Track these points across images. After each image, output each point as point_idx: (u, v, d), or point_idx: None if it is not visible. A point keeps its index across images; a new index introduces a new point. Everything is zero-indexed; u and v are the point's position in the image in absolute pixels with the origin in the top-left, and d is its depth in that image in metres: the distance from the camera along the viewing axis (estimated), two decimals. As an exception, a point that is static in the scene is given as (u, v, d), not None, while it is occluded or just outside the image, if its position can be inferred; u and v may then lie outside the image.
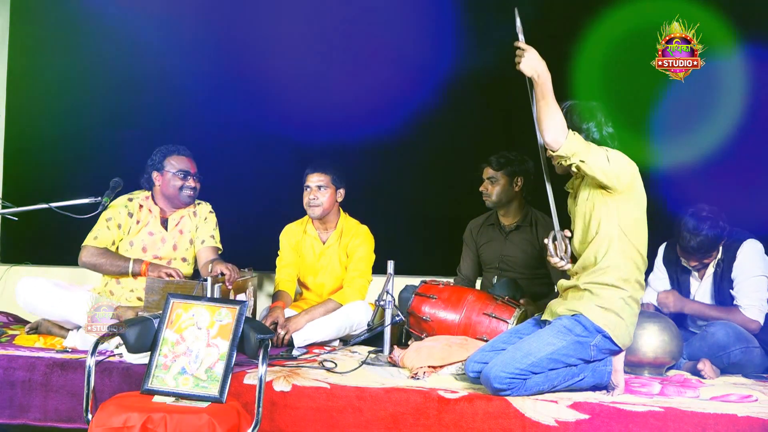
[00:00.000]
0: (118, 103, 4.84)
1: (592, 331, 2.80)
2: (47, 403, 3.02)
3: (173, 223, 3.71)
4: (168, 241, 3.69)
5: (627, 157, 2.85)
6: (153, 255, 3.64)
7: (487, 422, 2.70)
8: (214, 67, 4.74)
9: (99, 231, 3.64)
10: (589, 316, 2.80)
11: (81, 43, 4.89)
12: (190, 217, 3.75)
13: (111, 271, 3.59)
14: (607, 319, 2.80)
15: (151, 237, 3.67)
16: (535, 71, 2.76)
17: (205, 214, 3.79)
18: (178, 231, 3.71)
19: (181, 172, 3.67)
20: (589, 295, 2.84)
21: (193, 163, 3.74)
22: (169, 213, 3.73)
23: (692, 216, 3.36)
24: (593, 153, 2.77)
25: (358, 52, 4.61)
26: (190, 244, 3.73)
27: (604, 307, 2.81)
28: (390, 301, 3.40)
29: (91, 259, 3.59)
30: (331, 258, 3.94)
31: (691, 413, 2.61)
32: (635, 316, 2.89)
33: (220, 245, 3.77)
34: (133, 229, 3.66)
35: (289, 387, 2.88)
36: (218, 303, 2.60)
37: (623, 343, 2.85)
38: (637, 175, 2.86)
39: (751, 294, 3.36)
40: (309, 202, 3.85)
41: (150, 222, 3.68)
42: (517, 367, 2.73)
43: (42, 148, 4.94)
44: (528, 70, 2.77)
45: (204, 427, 2.30)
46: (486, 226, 4.02)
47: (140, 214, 3.68)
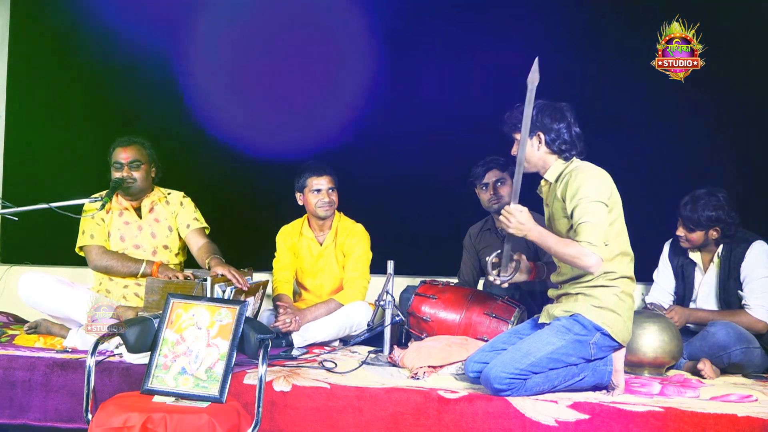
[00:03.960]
0: (118, 103, 4.85)
1: (591, 330, 2.80)
2: (47, 403, 3.02)
3: (146, 210, 3.71)
4: (144, 229, 3.69)
5: (602, 176, 2.87)
6: (132, 244, 3.66)
7: (487, 422, 2.70)
8: (213, 66, 4.74)
9: (92, 230, 3.66)
10: (587, 315, 2.81)
11: (81, 43, 4.90)
12: (163, 206, 3.74)
13: (122, 273, 3.60)
14: (604, 317, 2.81)
15: (127, 226, 3.69)
16: (523, 232, 2.83)
17: (179, 200, 3.77)
18: (153, 219, 3.71)
19: (117, 164, 3.64)
20: (583, 297, 2.86)
21: (130, 151, 3.65)
22: (136, 203, 3.72)
23: (707, 190, 3.42)
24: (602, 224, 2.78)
25: (364, 51, 4.61)
26: (170, 231, 3.72)
27: (600, 306, 2.82)
28: (390, 301, 3.40)
29: (103, 261, 3.61)
30: (328, 259, 3.94)
31: (691, 413, 2.61)
32: (631, 310, 2.90)
33: (205, 224, 3.76)
34: (107, 218, 3.68)
35: (289, 387, 2.88)
36: (218, 303, 2.60)
37: (623, 338, 2.86)
38: (613, 188, 2.88)
39: (759, 294, 3.37)
40: (322, 204, 3.84)
41: (123, 212, 3.69)
42: (517, 367, 2.73)
43: (42, 149, 4.94)
44: (517, 231, 2.84)
45: (204, 427, 2.30)
46: (484, 231, 4.01)
47: (110, 205, 3.67)
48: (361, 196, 4.29)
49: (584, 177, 2.82)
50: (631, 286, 2.90)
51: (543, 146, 2.92)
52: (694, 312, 3.50)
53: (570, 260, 2.77)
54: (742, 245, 3.44)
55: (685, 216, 3.44)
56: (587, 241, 2.72)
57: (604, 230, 2.76)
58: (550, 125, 2.90)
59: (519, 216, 2.83)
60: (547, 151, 2.93)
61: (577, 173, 2.84)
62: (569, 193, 2.82)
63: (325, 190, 3.84)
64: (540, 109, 2.91)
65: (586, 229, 2.74)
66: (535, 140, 2.91)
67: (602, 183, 2.84)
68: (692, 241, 3.48)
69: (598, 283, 2.83)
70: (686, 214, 3.43)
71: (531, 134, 2.89)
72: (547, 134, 2.90)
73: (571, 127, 2.92)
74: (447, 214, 4.47)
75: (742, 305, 3.40)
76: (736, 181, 3.93)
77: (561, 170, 2.93)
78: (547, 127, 2.90)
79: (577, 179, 2.82)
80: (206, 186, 4.50)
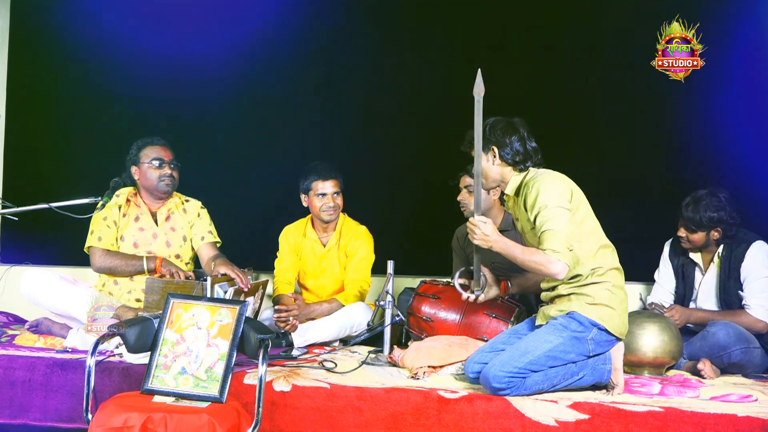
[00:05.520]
0: (117, 103, 4.84)
1: (588, 326, 2.82)
2: (47, 403, 3.02)
3: (162, 218, 3.70)
4: (160, 237, 3.68)
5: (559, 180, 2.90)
6: (146, 251, 3.64)
7: (487, 422, 2.70)
8: (215, 67, 4.74)
9: (101, 231, 3.63)
10: (582, 312, 2.83)
11: (81, 42, 4.89)
12: (180, 214, 3.74)
13: (127, 272, 3.59)
14: (599, 312, 2.83)
15: (142, 233, 3.66)
16: (489, 243, 2.88)
17: (197, 210, 3.77)
18: (169, 227, 3.70)
19: (156, 161, 3.64)
20: (576, 296, 2.87)
21: (168, 151, 3.69)
22: (155, 207, 3.72)
23: (709, 191, 3.41)
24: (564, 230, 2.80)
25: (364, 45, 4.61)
26: (184, 241, 3.72)
27: (594, 303, 2.83)
28: (390, 301, 3.40)
29: (106, 263, 3.59)
30: (331, 261, 3.94)
31: (691, 413, 2.61)
32: (624, 302, 2.92)
33: (218, 239, 3.77)
34: (122, 223, 3.66)
35: (289, 387, 2.88)
36: (218, 303, 2.60)
37: (620, 332, 2.87)
38: (574, 190, 2.91)
39: (759, 294, 3.37)
40: (327, 209, 3.83)
41: (140, 217, 3.68)
42: (515, 365, 2.74)
43: (42, 149, 4.94)
44: (483, 243, 2.89)
45: (204, 427, 2.30)
46: None
47: (127, 208, 3.68)
48: (362, 196, 4.29)
49: (541, 185, 2.85)
50: (620, 276, 2.93)
51: (498, 160, 2.97)
52: (695, 312, 3.50)
53: (536, 268, 2.82)
54: (743, 245, 3.44)
55: (686, 217, 3.43)
56: (551, 248, 2.77)
57: (567, 236, 2.80)
58: (502, 139, 2.95)
59: (483, 228, 2.87)
60: (501, 164, 2.97)
61: (534, 182, 2.88)
62: (529, 203, 2.87)
63: (330, 194, 3.83)
64: (492, 124, 2.96)
65: (548, 237, 2.78)
66: (489, 155, 2.96)
67: (560, 188, 2.87)
68: (694, 241, 3.48)
69: (589, 281, 2.85)
70: (688, 215, 3.42)
71: (485, 150, 2.94)
72: (500, 148, 2.95)
73: (524, 139, 2.96)
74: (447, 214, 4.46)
75: (742, 305, 3.40)
76: (736, 181, 3.93)
77: (519, 182, 2.98)
78: (500, 141, 2.95)
79: (534, 188, 2.86)
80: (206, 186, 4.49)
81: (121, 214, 3.65)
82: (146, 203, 3.71)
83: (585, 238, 2.87)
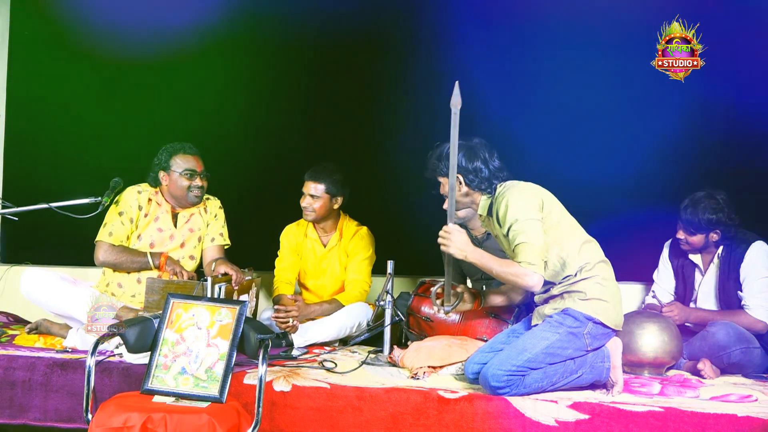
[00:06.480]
0: (117, 103, 4.84)
1: (583, 321, 2.83)
2: (47, 403, 3.02)
3: (183, 221, 3.69)
4: (176, 239, 3.67)
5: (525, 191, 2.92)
6: (160, 251, 3.64)
7: (487, 422, 2.70)
8: (216, 64, 4.74)
9: (113, 226, 3.61)
10: (576, 308, 2.84)
11: (81, 42, 4.89)
12: (200, 215, 3.73)
13: (132, 268, 3.58)
14: (593, 307, 2.84)
15: (161, 233, 3.65)
16: (464, 253, 2.87)
17: (215, 210, 3.77)
18: (188, 229, 3.70)
19: (188, 172, 3.63)
20: (569, 294, 2.89)
21: (200, 161, 3.69)
22: (179, 210, 3.71)
23: (706, 193, 3.41)
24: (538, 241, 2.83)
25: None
26: (199, 241, 3.72)
27: (587, 298, 2.85)
28: (390, 301, 3.40)
29: (110, 258, 3.58)
30: (331, 261, 3.94)
31: (691, 413, 2.61)
32: (617, 293, 2.93)
33: (228, 241, 3.77)
34: (141, 222, 3.64)
35: (289, 387, 2.88)
36: (218, 303, 2.60)
37: (615, 324, 2.89)
38: (543, 196, 2.93)
39: (759, 295, 3.37)
40: (303, 208, 3.87)
41: (159, 217, 3.66)
42: (513, 364, 2.74)
43: (42, 149, 4.93)
44: (458, 252, 2.88)
45: (204, 427, 2.30)
46: None
47: (149, 207, 3.66)
48: (362, 196, 4.28)
49: (510, 199, 2.88)
50: (608, 269, 2.95)
51: (464, 187, 3.01)
52: (694, 311, 3.50)
53: (512, 280, 2.85)
54: (742, 246, 3.44)
55: (685, 220, 3.43)
56: (527, 261, 2.80)
57: (540, 247, 2.82)
58: (466, 165, 2.97)
59: (457, 236, 2.88)
60: (468, 191, 3.01)
61: (501, 198, 2.92)
62: (500, 219, 2.90)
63: (307, 195, 3.84)
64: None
65: (522, 250, 2.81)
66: (455, 184, 2.95)
67: (528, 199, 2.90)
68: (693, 244, 3.48)
69: (579, 277, 2.87)
70: (686, 218, 3.42)
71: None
72: (465, 176, 2.98)
73: (487, 162, 2.99)
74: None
75: (741, 305, 3.40)
76: (736, 181, 3.92)
77: (490, 201, 3.01)
78: (464, 168, 2.97)
79: (503, 204, 2.89)
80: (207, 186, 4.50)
81: (142, 214, 3.64)
82: (170, 203, 3.70)
83: (566, 239, 2.90)
